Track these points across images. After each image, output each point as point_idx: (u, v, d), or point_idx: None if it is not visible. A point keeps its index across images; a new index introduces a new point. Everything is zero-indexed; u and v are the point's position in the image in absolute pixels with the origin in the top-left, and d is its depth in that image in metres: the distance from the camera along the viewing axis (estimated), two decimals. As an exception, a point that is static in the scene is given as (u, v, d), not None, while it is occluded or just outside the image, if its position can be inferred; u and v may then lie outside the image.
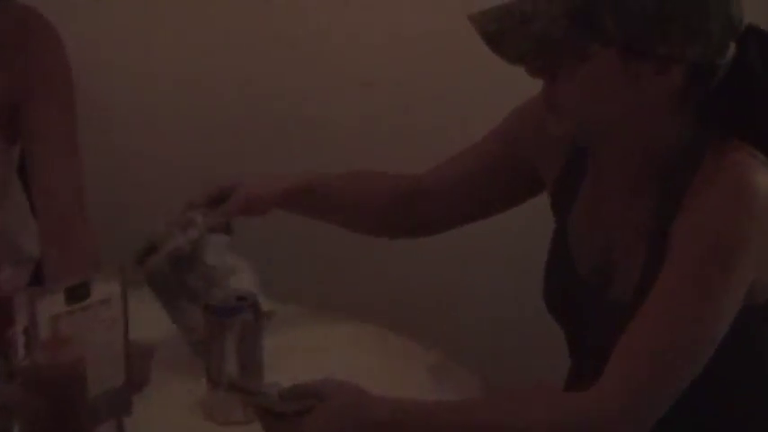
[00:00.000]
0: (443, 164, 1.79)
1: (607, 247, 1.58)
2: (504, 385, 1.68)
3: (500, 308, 2.28)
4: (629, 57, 1.43)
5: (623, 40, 1.42)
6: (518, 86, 1.54)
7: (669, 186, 1.50)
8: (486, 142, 1.75)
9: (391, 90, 2.23)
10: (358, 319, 1.86)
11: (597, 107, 1.48)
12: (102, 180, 2.07)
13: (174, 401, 1.59)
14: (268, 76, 2.27)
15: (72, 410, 1.35)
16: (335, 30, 2.23)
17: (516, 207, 1.76)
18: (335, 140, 2.28)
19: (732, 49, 1.46)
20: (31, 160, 1.85)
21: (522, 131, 1.69)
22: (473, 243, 1.80)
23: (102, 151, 2.16)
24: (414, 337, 1.80)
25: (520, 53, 1.46)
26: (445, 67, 2.07)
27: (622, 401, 1.42)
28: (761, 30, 1.49)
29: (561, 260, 1.63)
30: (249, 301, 1.57)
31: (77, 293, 1.43)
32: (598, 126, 1.51)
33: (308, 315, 1.88)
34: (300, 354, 1.73)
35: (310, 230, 1.98)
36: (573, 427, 1.43)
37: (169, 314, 1.70)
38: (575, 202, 1.62)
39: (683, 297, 1.44)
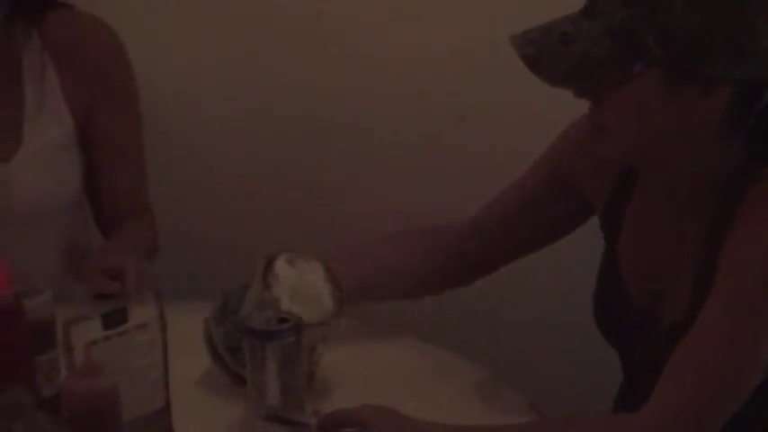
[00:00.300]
0: (491, 202, 1.77)
1: (657, 267, 1.56)
2: (552, 406, 1.65)
3: (548, 327, 2.25)
4: (674, 77, 1.41)
5: (667, 60, 1.39)
6: (572, 99, 1.50)
7: (718, 209, 1.47)
8: (532, 172, 1.73)
9: (447, 101, 2.20)
10: (403, 336, 1.83)
11: (642, 129, 1.45)
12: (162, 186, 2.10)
13: (215, 428, 1.57)
14: (323, 89, 2.25)
15: None
16: (391, 40, 2.20)
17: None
18: (391, 151, 2.25)
19: None
20: (98, 165, 1.94)
21: (568, 155, 1.66)
22: (521, 262, 1.77)
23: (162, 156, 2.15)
24: (461, 356, 1.77)
25: (559, 75, 1.44)
26: (500, 78, 2.04)
27: (669, 425, 1.40)
28: None
29: (611, 281, 1.61)
30: (291, 323, 1.55)
31: (114, 319, 1.43)
32: (644, 148, 1.48)
33: (360, 331, 1.85)
34: (348, 375, 1.71)
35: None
36: None
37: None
38: (624, 223, 1.59)
39: (732, 321, 1.42)
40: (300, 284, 1.65)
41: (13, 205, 1.84)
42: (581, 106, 1.50)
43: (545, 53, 1.43)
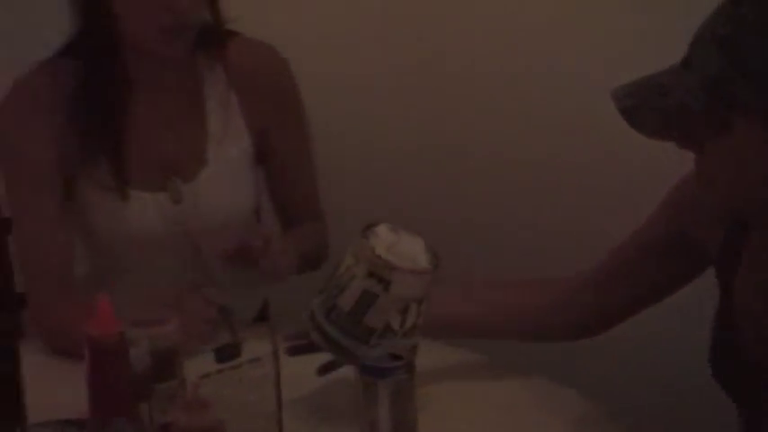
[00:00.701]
0: (607, 255, 1.74)
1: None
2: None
3: (664, 377, 2.21)
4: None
5: (761, 109, 1.34)
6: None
7: None
8: (649, 223, 1.70)
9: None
10: (534, 376, 1.82)
11: (745, 177, 1.42)
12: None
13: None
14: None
15: None
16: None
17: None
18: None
19: None
20: (274, 178, 2.09)
21: (683, 206, 1.62)
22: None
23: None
24: (581, 396, 1.76)
25: (656, 128, 1.42)
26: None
27: None
28: None
29: (727, 331, 1.57)
30: (404, 361, 1.56)
31: (227, 353, 1.48)
32: (749, 196, 1.44)
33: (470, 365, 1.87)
34: (464, 410, 1.72)
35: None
36: None
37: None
38: (739, 272, 1.54)
39: None
40: (398, 245, 1.63)
41: (198, 220, 1.98)
42: None
43: (642, 106, 1.42)
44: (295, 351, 1.70)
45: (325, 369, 1.72)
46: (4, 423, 1.57)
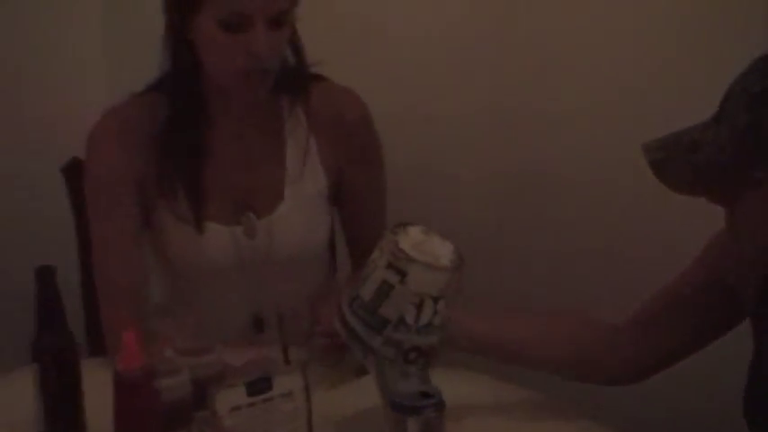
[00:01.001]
0: (646, 301, 1.75)
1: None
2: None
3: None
4: None
5: None
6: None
7: None
8: (689, 271, 1.70)
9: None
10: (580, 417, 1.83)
11: None
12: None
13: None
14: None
15: None
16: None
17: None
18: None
19: None
20: (347, 214, 2.14)
21: (720, 255, 1.63)
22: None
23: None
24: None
25: (684, 181, 1.44)
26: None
27: None
28: None
29: (761, 379, 1.56)
30: (434, 400, 1.60)
31: (258, 387, 1.54)
32: None
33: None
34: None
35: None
36: None
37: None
38: None
39: None
40: (425, 244, 1.66)
41: (274, 252, 2.04)
42: None
43: (672, 159, 1.43)
44: None
45: (362, 370, 1.74)
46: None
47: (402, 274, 1.61)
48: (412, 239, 1.65)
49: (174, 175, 2.00)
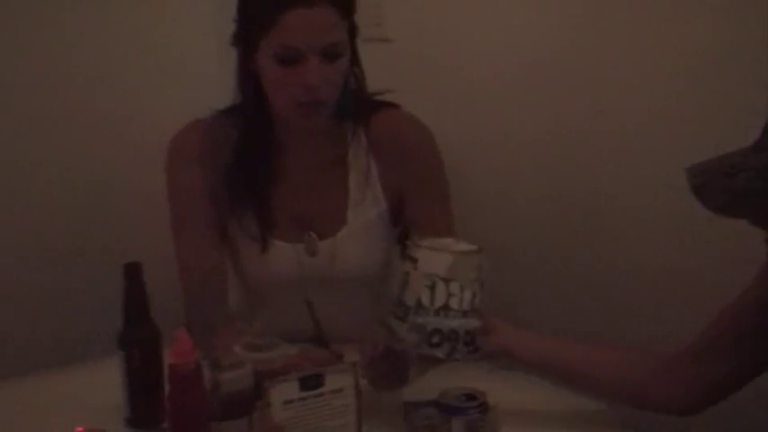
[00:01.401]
0: (708, 326, 1.76)
1: None
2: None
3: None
4: None
5: None
6: None
7: None
8: (748, 294, 1.71)
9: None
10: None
11: None
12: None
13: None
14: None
15: None
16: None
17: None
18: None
19: None
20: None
21: None
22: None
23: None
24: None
25: (720, 205, 1.47)
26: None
27: None
28: None
29: None
30: (479, 401, 1.69)
31: (311, 383, 1.65)
32: None
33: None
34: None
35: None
36: None
37: None
38: None
39: None
40: (444, 241, 1.83)
41: (336, 272, 2.15)
42: None
43: (710, 183, 1.47)
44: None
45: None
46: (149, 423, 1.79)
47: (414, 261, 1.76)
48: (434, 239, 1.81)
49: (245, 197, 2.12)
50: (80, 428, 1.62)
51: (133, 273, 1.84)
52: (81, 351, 2.18)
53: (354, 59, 2.09)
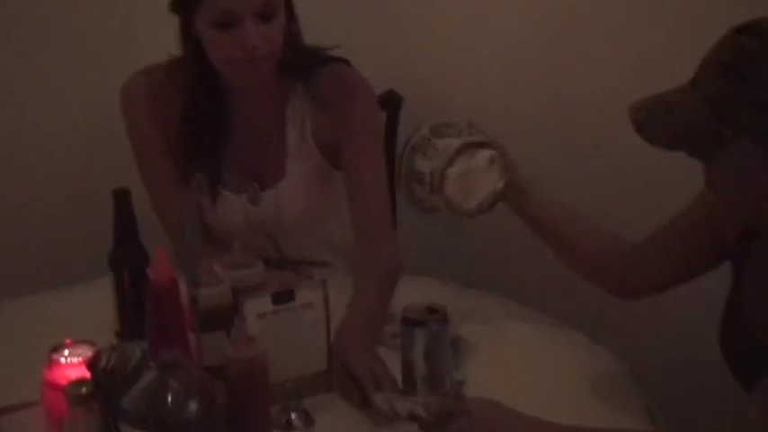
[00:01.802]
0: (651, 234, 1.91)
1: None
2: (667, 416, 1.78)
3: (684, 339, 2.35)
4: (764, 144, 1.50)
5: (757, 130, 1.49)
6: None
7: None
8: (684, 214, 1.86)
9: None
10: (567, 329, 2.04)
11: (744, 190, 1.58)
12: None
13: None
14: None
15: (249, 396, 1.65)
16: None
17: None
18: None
19: None
20: (350, 186, 2.21)
21: (711, 204, 1.76)
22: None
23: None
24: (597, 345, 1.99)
25: (662, 139, 1.59)
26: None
27: None
28: None
29: (735, 316, 1.73)
30: (439, 314, 1.81)
31: (282, 297, 1.76)
32: (749, 205, 1.59)
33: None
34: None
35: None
36: None
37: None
38: (747, 265, 1.72)
39: None
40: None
41: (280, 220, 2.26)
42: None
43: (652, 119, 1.58)
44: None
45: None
46: (135, 335, 1.90)
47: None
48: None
49: (193, 152, 2.21)
50: (68, 340, 1.74)
51: (122, 198, 1.94)
52: (78, 272, 2.29)
53: (290, 16, 2.15)
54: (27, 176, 2.83)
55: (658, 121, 1.58)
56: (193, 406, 1.56)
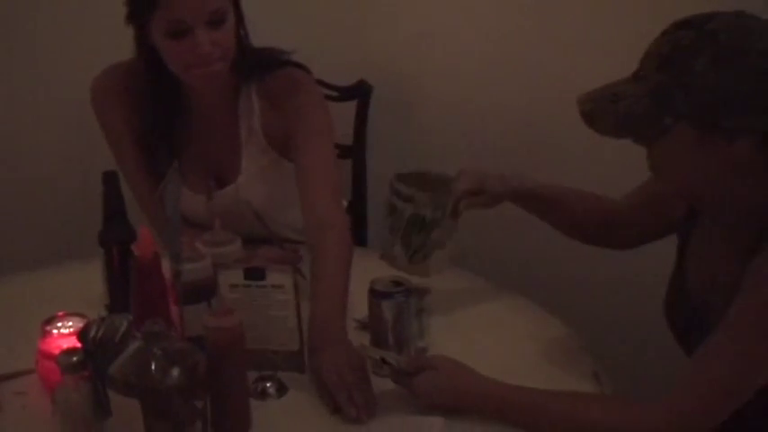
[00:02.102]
0: (634, 191, 2.04)
1: (712, 279, 1.79)
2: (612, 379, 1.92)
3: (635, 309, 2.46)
4: (701, 130, 1.62)
5: (692, 114, 1.61)
6: None
7: (751, 234, 1.68)
8: (637, 192, 2.01)
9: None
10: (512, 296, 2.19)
11: (682, 173, 1.69)
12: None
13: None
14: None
15: (228, 363, 1.74)
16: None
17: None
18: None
19: None
20: (298, 172, 2.28)
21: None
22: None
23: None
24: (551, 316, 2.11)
25: (608, 128, 1.69)
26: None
27: (669, 422, 1.65)
28: None
29: (678, 285, 1.87)
30: (404, 287, 1.95)
31: (254, 274, 1.84)
32: (688, 188, 1.72)
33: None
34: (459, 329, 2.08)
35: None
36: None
37: None
38: (690, 240, 1.86)
39: (740, 334, 1.64)
40: None
41: (242, 212, 2.36)
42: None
43: (598, 110, 1.69)
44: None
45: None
46: (124, 308, 2.00)
47: None
48: None
49: (155, 147, 2.34)
50: (61, 312, 1.87)
51: (110, 180, 2.04)
52: (72, 250, 2.44)
53: (239, 20, 2.25)
54: (23, 163, 2.95)
55: (605, 112, 1.68)
56: (175, 373, 1.64)
